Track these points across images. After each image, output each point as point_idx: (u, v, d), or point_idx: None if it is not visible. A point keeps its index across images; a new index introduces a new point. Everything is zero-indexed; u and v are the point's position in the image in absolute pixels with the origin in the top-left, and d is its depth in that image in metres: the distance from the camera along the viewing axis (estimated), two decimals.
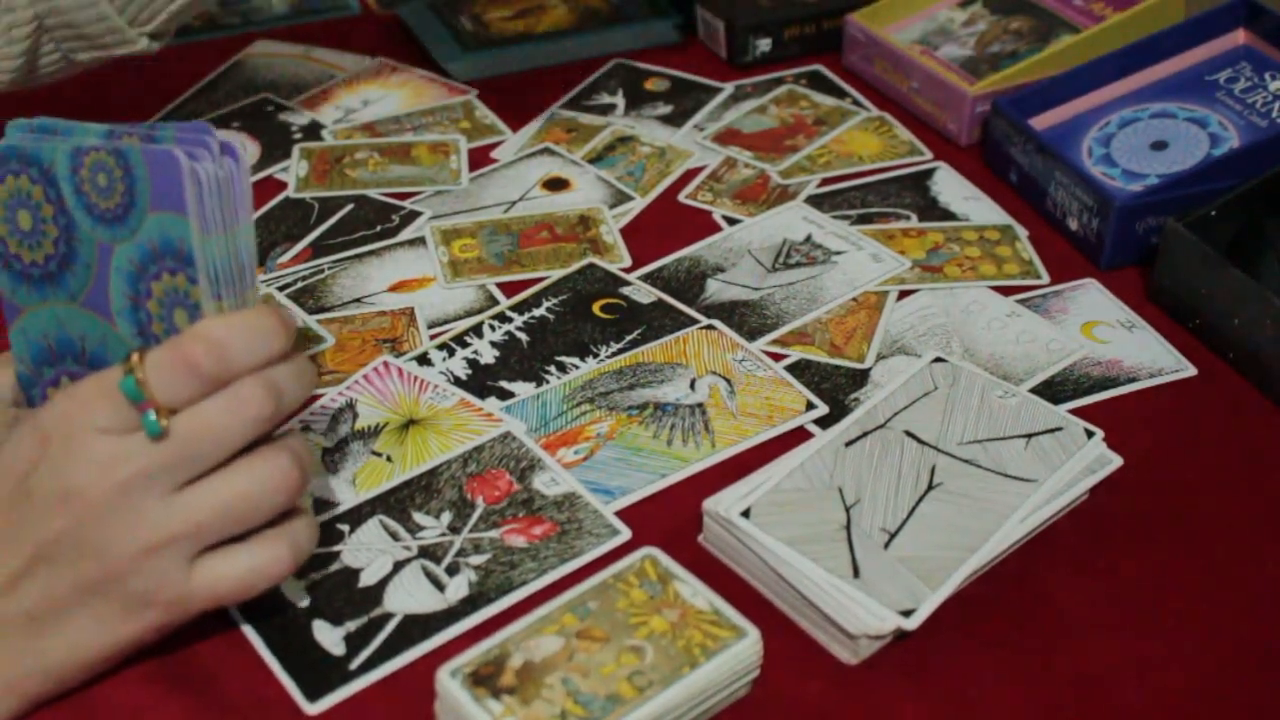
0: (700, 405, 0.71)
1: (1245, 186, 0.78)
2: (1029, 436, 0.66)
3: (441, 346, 0.75)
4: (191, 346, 0.51)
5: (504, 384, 0.72)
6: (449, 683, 0.53)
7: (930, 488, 0.63)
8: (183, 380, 0.51)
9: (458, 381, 0.72)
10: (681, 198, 0.89)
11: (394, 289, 0.80)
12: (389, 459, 0.67)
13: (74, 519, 0.51)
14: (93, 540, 0.52)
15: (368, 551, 0.62)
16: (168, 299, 0.54)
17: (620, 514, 0.64)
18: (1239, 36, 0.91)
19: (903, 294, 0.80)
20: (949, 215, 0.87)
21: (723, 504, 0.62)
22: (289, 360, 0.53)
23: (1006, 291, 0.80)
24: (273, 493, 0.53)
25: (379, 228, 0.86)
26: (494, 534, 0.63)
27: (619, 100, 1.00)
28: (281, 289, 0.80)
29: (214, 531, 0.52)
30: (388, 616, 0.59)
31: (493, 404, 0.70)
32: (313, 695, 0.56)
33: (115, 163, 0.54)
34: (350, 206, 0.88)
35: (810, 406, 0.71)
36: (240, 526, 0.53)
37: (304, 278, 0.81)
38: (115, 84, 0.99)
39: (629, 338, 0.76)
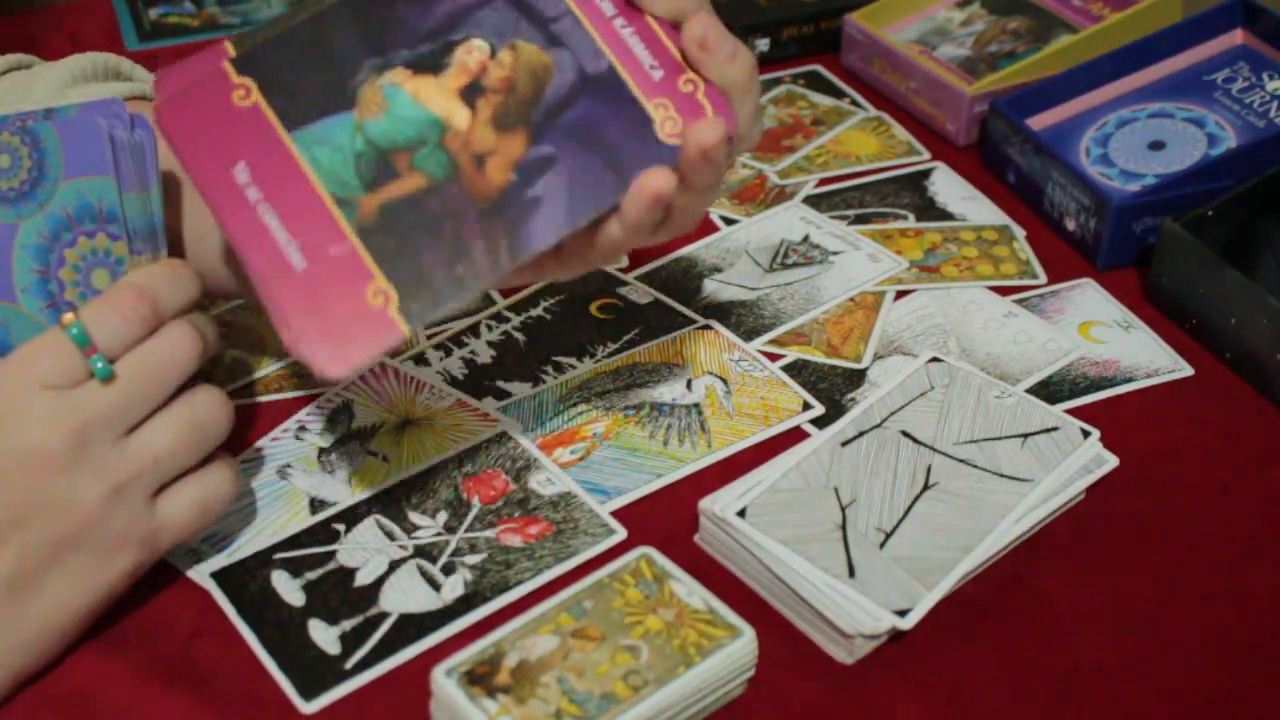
0: (697, 405, 0.71)
1: (1243, 187, 0.78)
2: (1025, 436, 0.66)
3: (439, 346, 0.75)
4: (123, 294, 0.54)
5: (501, 384, 0.72)
6: (444, 682, 0.53)
7: (926, 487, 0.63)
8: (118, 325, 0.54)
9: (454, 381, 0.72)
10: None
11: None
12: (385, 459, 0.67)
13: (38, 475, 0.53)
14: (60, 493, 0.53)
15: (364, 551, 0.62)
16: (85, 262, 0.56)
17: (616, 514, 0.64)
18: (1237, 36, 0.91)
19: (900, 294, 0.80)
20: (946, 215, 0.87)
21: (719, 504, 0.62)
22: (200, 309, 0.58)
23: (1004, 291, 0.80)
24: (213, 422, 0.57)
25: None
26: (490, 533, 0.63)
27: None
28: None
29: (170, 465, 0.56)
30: (383, 616, 0.59)
31: (489, 404, 0.71)
32: (308, 694, 0.56)
33: (21, 140, 0.56)
34: None
35: (807, 406, 0.71)
36: (192, 457, 0.56)
37: None
38: None
39: (626, 338, 0.76)
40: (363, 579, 0.61)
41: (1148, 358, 0.75)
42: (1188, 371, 0.74)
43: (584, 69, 0.56)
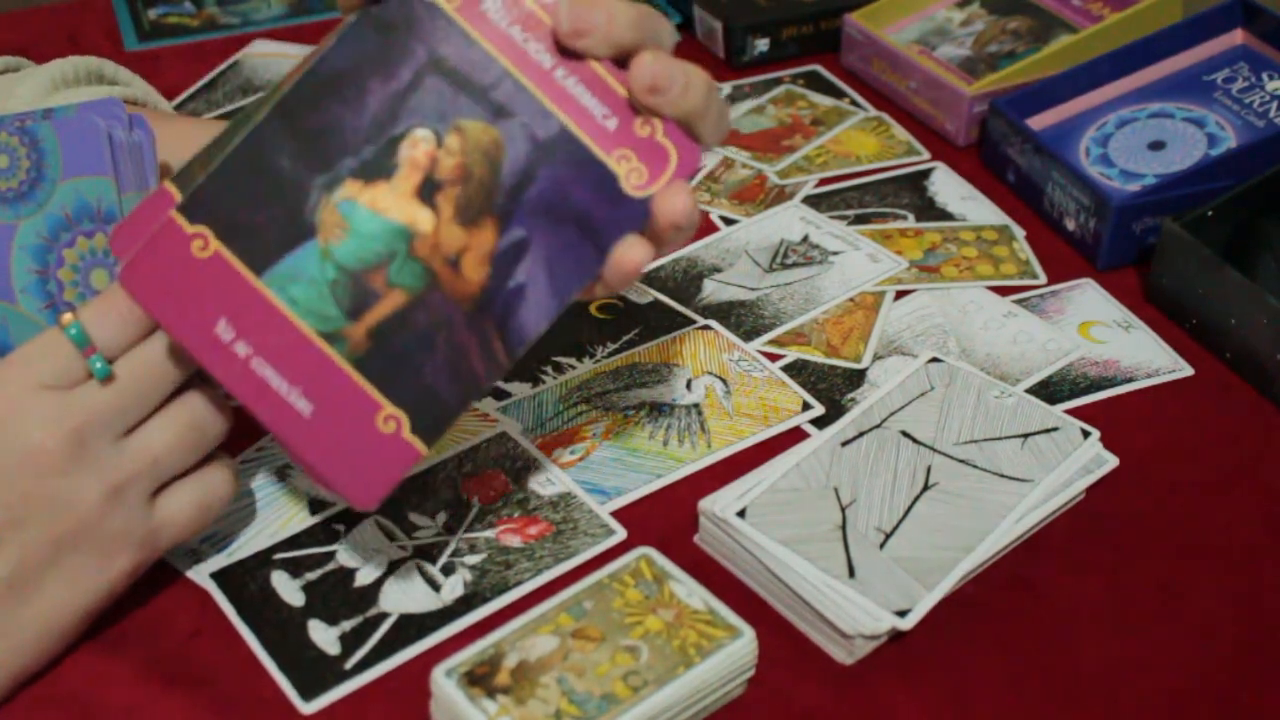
0: (696, 405, 0.71)
1: (1242, 187, 0.78)
2: (1025, 436, 0.66)
3: None
4: (122, 294, 0.54)
5: (500, 384, 0.72)
6: (444, 682, 0.53)
7: (926, 488, 0.63)
8: (117, 325, 0.54)
9: None
10: None
11: None
12: None
13: (37, 475, 0.53)
14: (59, 493, 0.53)
15: (363, 551, 0.62)
16: (84, 262, 0.57)
17: (616, 514, 0.64)
18: (1237, 36, 0.91)
19: (900, 294, 0.80)
20: (946, 215, 0.87)
21: (718, 504, 0.62)
22: None
23: (1003, 292, 0.80)
24: (212, 422, 0.57)
25: None
26: (489, 534, 0.63)
27: None
28: None
29: (169, 465, 0.56)
30: (383, 616, 0.59)
31: (489, 404, 0.71)
32: (308, 694, 0.56)
33: (19, 141, 0.56)
34: None
35: (806, 407, 0.71)
36: (191, 457, 0.56)
37: None
38: None
39: (626, 338, 0.76)
40: (362, 579, 0.61)
41: (1148, 358, 0.75)
42: (1188, 371, 0.74)
43: (535, 136, 0.54)
